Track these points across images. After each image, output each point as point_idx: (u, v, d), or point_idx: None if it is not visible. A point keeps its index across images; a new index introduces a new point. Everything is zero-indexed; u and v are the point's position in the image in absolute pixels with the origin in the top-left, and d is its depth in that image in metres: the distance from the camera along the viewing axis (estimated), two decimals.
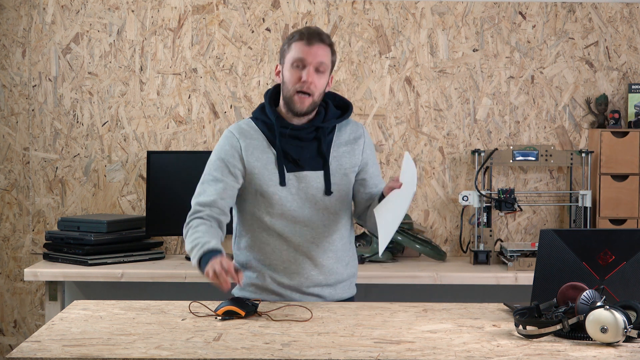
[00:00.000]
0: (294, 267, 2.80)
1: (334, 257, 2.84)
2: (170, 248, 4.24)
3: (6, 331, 4.26)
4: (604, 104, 4.16)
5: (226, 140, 2.83)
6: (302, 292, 2.80)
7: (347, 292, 2.90)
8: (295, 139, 2.81)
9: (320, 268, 2.82)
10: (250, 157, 2.79)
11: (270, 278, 2.80)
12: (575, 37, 4.22)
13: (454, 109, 4.23)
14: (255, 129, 2.83)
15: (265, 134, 2.82)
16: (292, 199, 2.78)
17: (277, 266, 2.80)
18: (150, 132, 4.20)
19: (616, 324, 2.12)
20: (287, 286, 2.80)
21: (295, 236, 2.79)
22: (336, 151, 2.85)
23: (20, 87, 4.20)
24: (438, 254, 4.04)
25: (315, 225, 2.81)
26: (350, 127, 2.90)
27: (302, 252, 2.80)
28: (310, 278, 2.81)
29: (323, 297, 2.83)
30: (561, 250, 2.38)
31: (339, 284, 2.87)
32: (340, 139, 2.87)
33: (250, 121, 2.86)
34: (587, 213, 4.06)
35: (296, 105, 2.77)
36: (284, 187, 2.78)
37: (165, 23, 4.20)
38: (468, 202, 4.00)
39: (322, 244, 2.82)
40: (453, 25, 4.21)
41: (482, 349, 2.12)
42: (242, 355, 2.04)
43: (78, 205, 4.21)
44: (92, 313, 2.48)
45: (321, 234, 2.81)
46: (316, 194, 2.80)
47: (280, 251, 2.79)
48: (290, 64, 2.77)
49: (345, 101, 2.91)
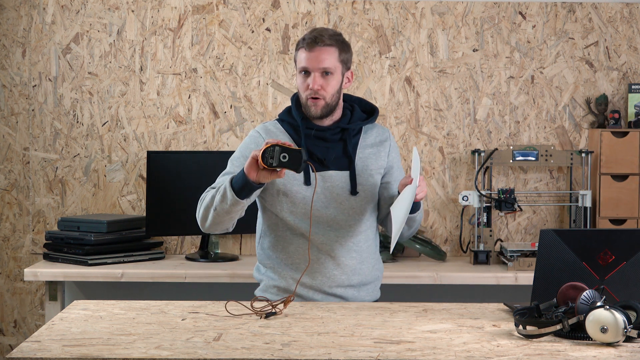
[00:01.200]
0: (316, 266, 2.79)
1: (358, 257, 2.84)
2: (170, 248, 4.24)
3: (6, 331, 4.26)
4: (604, 104, 4.16)
5: (251, 139, 2.85)
6: (324, 293, 2.80)
7: (371, 296, 2.90)
8: (321, 139, 2.82)
9: (343, 268, 2.81)
10: None
11: (292, 279, 2.80)
12: (575, 37, 4.22)
13: (454, 109, 4.23)
14: (281, 129, 2.86)
15: (291, 134, 2.84)
16: (317, 199, 2.78)
17: (300, 265, 2.79)
18: (150, 132, 4.20)
19: (616, 324, 2.12)
20: (309, 286, 2.80)
21: (319, 235, 2.79)
22: (362, 152, 2.86)
23: (20, 87, 4.20)
24: (438, 254, 4.04)
25: (340, 225, 2.81)
26: (376, 130, 2.93)
27: (325, 251, 2.80)
28: (333, 278, 2.80)
29: (346, 298, 2.83)
30: (561, 250, 2.38)
31: (363, 286, 2.87)
32: (367, 141, 2.88)
33: (277, 122, 2.89)
34: (587, 213, 4.06)
35: (310, 110, 2.80)
36: (308, 186, 2.78)
37: (165, 23, 4.20)
38: (468, 202, 4.00)
39: (347, 244, 2.81)
40: (453, 25, 4.21)
41: (482, 349, 2.12)
42: (242, 355, 2.04)
43: (78, 205, 4.21)
44: (92, 313, 2.48)
45: (346, 234, 2.81)
46: (341, 194, 2.81)
47: (303, 250, 2.79)
48: (299, 72, 2.81)
49: (371, 106, 2.94)
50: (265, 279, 2.86)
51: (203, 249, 4.06)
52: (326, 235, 2.80)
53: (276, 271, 2.83)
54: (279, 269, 2.82)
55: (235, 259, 4.06)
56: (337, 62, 2.79)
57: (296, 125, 2.84)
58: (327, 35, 2.79)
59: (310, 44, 2.76)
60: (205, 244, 4.07)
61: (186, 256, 4.09)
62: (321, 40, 2.76)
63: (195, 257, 4.02)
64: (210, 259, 4.00)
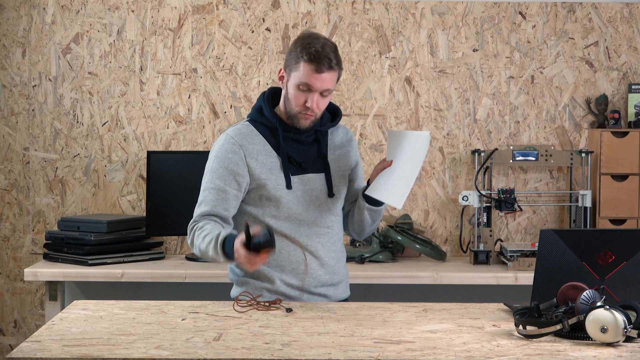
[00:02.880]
0: (302, 267, 2.80)
1: (336, 256, 2.87)
2: (170, 248, 4.24)
3: (6, 331, 4.26)
4: (604, 104, 4.16)
5: (228, 147, 2.78)
6: (310, 293, 2.82)
7: (346, 292, 2.94)
8: (297, 142, 2.82)
9: (326, 267, 2.84)
10: (255, 163, 2.77)
11: (280, 280, 2.80)
12: (575, 37, 4.22)
13: (454, 109, 4.23)
14: (256, 132, 2.81)
15: (267, 137, 2.81)
16: (298, 202, 2.79)
17: (285, 267, 2.80)
18: (150, 132, 4.20)
19: (616, 324, 2.12)
20: (296, 287, 2.81)
21: (302, 237, 2.80)
22: (333, 154, 2.88)
23: (20, 87, 4.20)
24: (438, 254, 4.04)
25: (320, 226, 2.83)
26: (340, 130, 2.94)
27: (310, 251, 2.81)
28: (318, 278, 2.82)
29: (328, 296, 2.85)
30: (561, 250, 2.38)
31: (340, 283, 2.90)
32: (334, 142, 2.90)
33: (249, 124, 2.83)
34: (587, 213, 4.06)
35: (300, 122, 2.77)
36: (290, 190, 2.78)
37: (165, 23, 4.20)
38: (468, 202, 4.00)
39: (327, 244, 2.84)
40: (453, 25, 4.21)
41: (482, 349, 2.12)
42: (242, 355, 2.04)
43: (78, 205, 4.21)
44: (92, 313, 2.48)
45: (325, 234, 2.84)
46: (320, 196, 2.82)
47: (287, 252, 2.80)
48: (297, 84, 2.73)
49: (334, 106, 2.92)
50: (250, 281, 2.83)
51: None
52: (310, 237, 2.81)
53: (263, 275, 2.81)
54: (265, 272, 2.80)
55: None
56: (334, 83, 2.77)
57: (271, 127, 2.80)
58: (335, 58, 2.73)
59: (319, 66, 2.70)
60: None
61: (186, 256, 4.09)
62: (331, 66, 2.71)
63: (195, 257, 4.02)
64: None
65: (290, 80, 2.75)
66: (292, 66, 2.74)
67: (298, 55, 2.72)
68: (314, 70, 2.69)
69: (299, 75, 2.72)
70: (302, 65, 2.71)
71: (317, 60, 2.69)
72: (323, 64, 2.69)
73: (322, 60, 2.69)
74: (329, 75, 2.72)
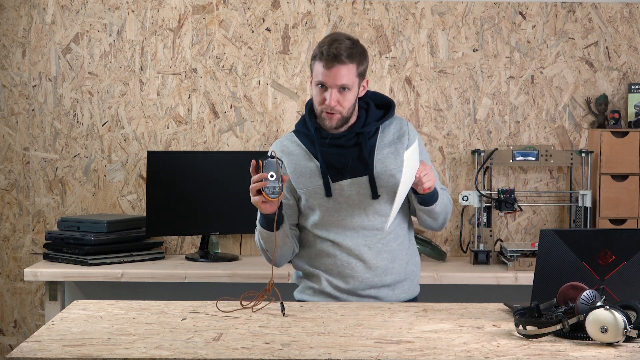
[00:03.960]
0: (348, 271, 2.82)
1: (389, 257, 2.84)
2: (170, 248, 4.24)
3: (6, 331, 4.26)
4: (604, 104, 4.16)
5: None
6: (358, 295, 2.83)
7: (407, 293, 2.90)
8: (336, 147, 2.82)
9: (374, 270, 2.83)
10: (294, 173, 2.82)
11: (327, 281, 2.83)
12: (575, 37, 4.22)
13: (454, 109, 4.23)
14: (297, 142, 2.86)
15: (307, 145, 2.84)
16: (340, 208, 2.81)
17: (332, 271, 2.83)
18: (150, 132, 4.20)
19: (616, 324, 2.12)
20: (343, 290, 2.83)
21: (347, 241, 2.82)
22: (380, 153, 2.84)
23: (20, 87, 4.20)
24: (438, 254, 4.04)
25: (366, 229, 2.83)
26: (394, 125, 2.89)
27: (355, 255, 2.82)
28: (365, 281, 2.83)
29: (380, 298, 2.85)
30: (561, 250, 2.38)
31: (397, 284, 2.87)
32: (384, 140, 2.86)
33: (293, 135, 2.89)
34: (587, 213, 4.06)
35: (325, 123, 2.80)
36: (330, 197, 2.80)
37: (165, 23, 4.20)
38: (468, 202, 4.00)
39: (376, 246, 2.83)
40: (453, 25, 4.21)
41: (482, 349, 2.12)
42: (242, 355, 2.04)
43: (78, 205, 4.21)
44: (92, 313, 2.48)
45: (373, 237, 2.83)
46: (364, 200, 2.81)
47: (333, 257, 2.82)
48: (315, 84, 2.78)
49: (387, 99, 2.91)
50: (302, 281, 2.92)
51: (203, 249, 4.06)
52: (354, 241, 2.82)
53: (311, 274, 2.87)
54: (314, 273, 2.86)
55: (235, 259, 4.06)
56: (355, 77, 2.76)
57: (311, 136, 2.84)
58: (346, 52, 2.73)
59: (329, 60, 2.72)
60: (205, 244, 4.07)
61: (186, 256, 4.09)
62: (340, 60, 2.72)
63: (195, 257, 4.02)
64: (210, 259, 4.00)
65: (312, 82, 2.80)
66: (312, 68, 2.80)
67: (313, 56, 2.78)
68: (324, 66, 2.73)
69: (315, 74, 2.77)
70: (316, 65, 2.76)
71: (326, 57, 2.72)
72: (331, 60, 2.72)
73: (330, 56, 2.72)
74: (341, 70, 2.72)
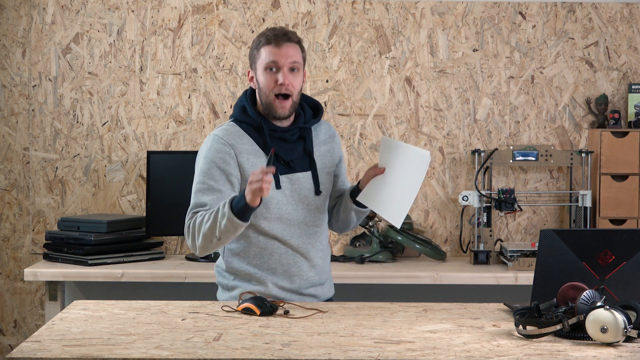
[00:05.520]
0: (294, 270, 2.79)
1: (323, 255, 2.87)
2: (170, 248, 4.24)
3: (6, 331, 4.26)
4: (604, 104, 4.16)
5: (218, 147, 2.75)
6: (300, 294, 2.80)
7: (331, 291, 2.93)
8: (283, 140, 2.80)
9: (315, 268, 2.83)
10: (246, 163, 2.75)
11: (272, 283, 2.78)
12: (575, 37, 4.22)
13: (454, 109, 4.23)
14: (242, 132, 2.79)
15: (253, 136, 2.78)
16: (287, 201, 2.78)
17: (277, 270, 2.78)
18: (150, 132, 4.21)
19: (616, 324, 2.12)
20: (288, 289, 2.80)
21: (293, 238, 2.79)
22: (318, 151, 2.86)
23: (20, 87, 4.20)
24: (438, 254, 4.04)
25: (309, 225, 2.82)
26: (323, 126, 2.92)
27: (301, 253, 2.80)
28: (309, 279, 2.82)
29: (317, 296, 2.84)
30: (561, 250, 2.38)
31: (326, 282, 2.90)
32: (319, 139, 2.88)
33: (234, 124, 2.81)
34: (587, 213, 4.06)
35: (277, 111, 2.76)
36: (279, 190, 2.76)
37: (165, 23, 4.20)
38: (468, 202, 4.00)
39: (316, 243, 2.83)
40: (453, 25, 4.21)
41: (482, 349, 2.12)
42: (242, 355, 2.04)
43: (78, 205, 4.21)
44: (92, 313, 2.48)
45: (314, 234, 2.83)
46: (308, 195, 2.81)
47: (279, 255, 2.78)
48: (264, 68, 2.75)
49: (314, 101, 2.92)
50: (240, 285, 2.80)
51: None
52: (300, 238, 2.80)
53: (254, 278, 2.78)
54: (257, 276, 2.78)
55: None
56: (301, 59, 2.78)
57: (257, 126, 2.79)
58: (291, 32, 2.78)
59: (278, 39, 2.74)
60: None
61: (186, 256, 4.09)
62: (288, 37, 2.75)
63: (195, 257, 4.02)
64: (210, 259, 4.00)
65: (257, 70, 2.77)
66: (255, 58, 2.78)
67: (257, 45, 2.78)
68: (274, 46, 2.74)
69: (263, 58, 2.75)
70: (262, 50, 2.76)
71: (274, 37, 2.74)
72: (281, 38, 2.74)
73: (278, 35, 2.75)
74: (291, 49, 2.75)
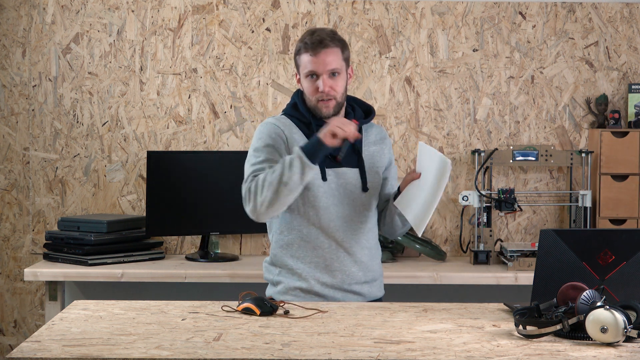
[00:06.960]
0: (336, 264, 2.83)
1: (369, 254, 2.89)
2: (170, 248, 4.24)
3: (6, 331, 4.26)
4: (604, 104, 4.16)
5: (271, 129, 2.85)
6: (344, 290, 2.84)
7: (380, 291, 2.96)
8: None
9: (359, 264, 2.86)
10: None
11: (314, 279, 2.82)
12: (575, 37, 4.22)
13: (454, 109, 4.23)
14: (292, 124, 2.88)
15: (303, 130, 2.87)
16: (333, 195, 2.83)
17: (319, 264, 2.82)
18: (150, 132, 4.20)
19: (616, 324, 2.12)
20: (330, 285, 2.83)
21: (338, 232, 2.83)
22: (367, 150, 2.92)
23: (20, 87, 4.20)
24: (438, 254, 4.04)
25: (354, 221, 2.85)
26: (374, 129, 2.99)
27: (344, 248, 2.84)
28: (351, 275, 2.85)
29: (363, 294, 2.87)
30: (561, 250, 2.38)
31: (375, 281, 2.92)
32: (369, 139, 2.94)
33: (285, 117, 2.91)
34: (587, 213, 4.06)
35: (322, 112, 2.85)
36: (325, 182, 2.82)
37: (165, 23, 4.20)
38: (468, 202, 4.00)
39: (361, 240, 2.87)
40: (453, 25, 4.21)
41: (482, 349, 2.12)
42: (242, 355, 2.04)
43: (78, 205, 4.21)
44: (92, 313, 2.48)
45: (359, 231, 2.86)
46: (354, 191, 2.86)
47: (322, 249, 2.82)
48: (304, 76, 2.84)
49: (367, 106, 2.99)
50: (284, 281, 2.86)
51: (203, 249, 4.06)
52: (345, 232, 2.84)
53: (297, 273, 2.84)
54: (300, 270, 2.83)
55: (235, 259, 4.06)
56: (342, 61, 2.84)
57: (306, 122, 2.88)
58: (329, 37, 2.83)
59: (315, 47, 2.80)
60: (205, 244, 4.07)
61: (186, 256, 4.09)
62: (325, 44, 2.81)
63: (195, 257, 4.02)
64: (210, 259, 4.00)
65: (300, 75, 2.87)
66: (298, 63, 2.87)
67: (297, 52, 2.87)
68: (311, 54, 2.81)
69: (303, 66, 2.84)
70: (302, 57, 2.84)
71: (312, 45, 2.81)
72: (317, 46, 2.80)
73: (315, 43, 2.80)
74: (329, 55, 2.80)
